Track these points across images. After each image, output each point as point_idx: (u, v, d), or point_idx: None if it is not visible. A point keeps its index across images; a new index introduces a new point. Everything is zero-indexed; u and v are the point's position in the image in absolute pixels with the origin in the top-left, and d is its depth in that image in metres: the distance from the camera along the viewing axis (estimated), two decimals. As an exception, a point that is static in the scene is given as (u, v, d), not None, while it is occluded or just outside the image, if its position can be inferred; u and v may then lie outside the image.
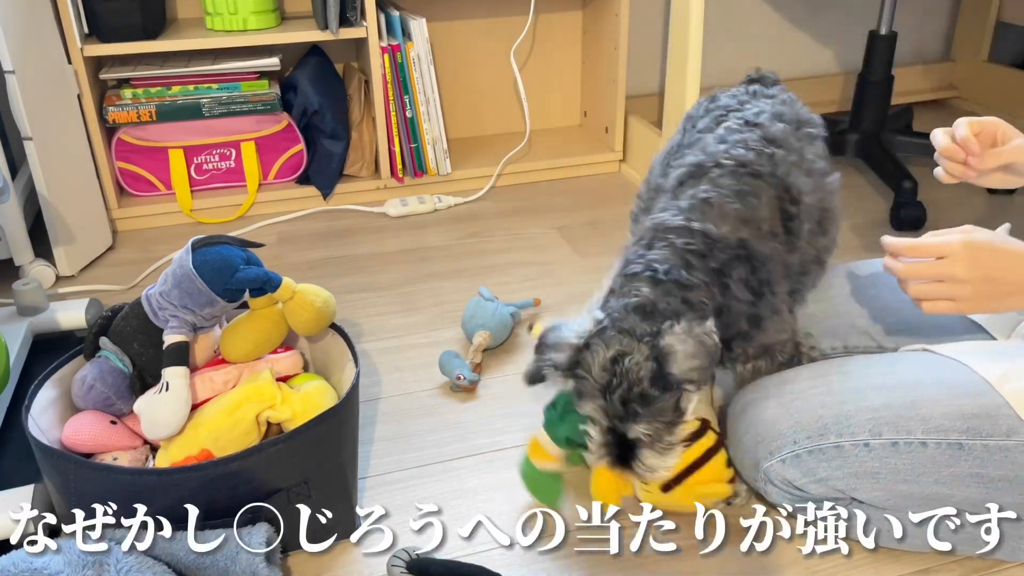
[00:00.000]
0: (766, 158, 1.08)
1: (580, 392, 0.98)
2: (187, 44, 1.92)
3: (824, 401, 1.04)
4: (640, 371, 0.93)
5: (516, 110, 2.41)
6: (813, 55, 2.70)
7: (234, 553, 0.97)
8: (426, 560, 1.03)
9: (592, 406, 0.97)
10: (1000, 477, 0.99)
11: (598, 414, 0.97)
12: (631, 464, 0.98)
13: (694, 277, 1.00)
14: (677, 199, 1.08)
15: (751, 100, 1.20)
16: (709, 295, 1.00)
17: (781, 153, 1.10)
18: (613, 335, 0.96)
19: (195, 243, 1.12)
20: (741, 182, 1.06)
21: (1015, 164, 1.05)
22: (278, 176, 2.11)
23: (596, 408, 0.96)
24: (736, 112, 1.17)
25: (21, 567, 0.89)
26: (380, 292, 1.74)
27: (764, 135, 1.11)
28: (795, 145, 1.13)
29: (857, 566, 1.05)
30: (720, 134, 1.13)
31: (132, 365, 1.15)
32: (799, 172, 1.11)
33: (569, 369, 0.98)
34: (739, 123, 1.14)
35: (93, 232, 1.87)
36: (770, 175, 1.08)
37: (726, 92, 1.26)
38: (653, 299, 0.98)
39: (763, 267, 1.03)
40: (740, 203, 1.05)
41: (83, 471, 1.01)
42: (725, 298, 1.01)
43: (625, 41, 2.17)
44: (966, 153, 1.05)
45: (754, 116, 1.14)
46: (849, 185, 2.20)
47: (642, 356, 0.93)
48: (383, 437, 1.31)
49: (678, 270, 1.00)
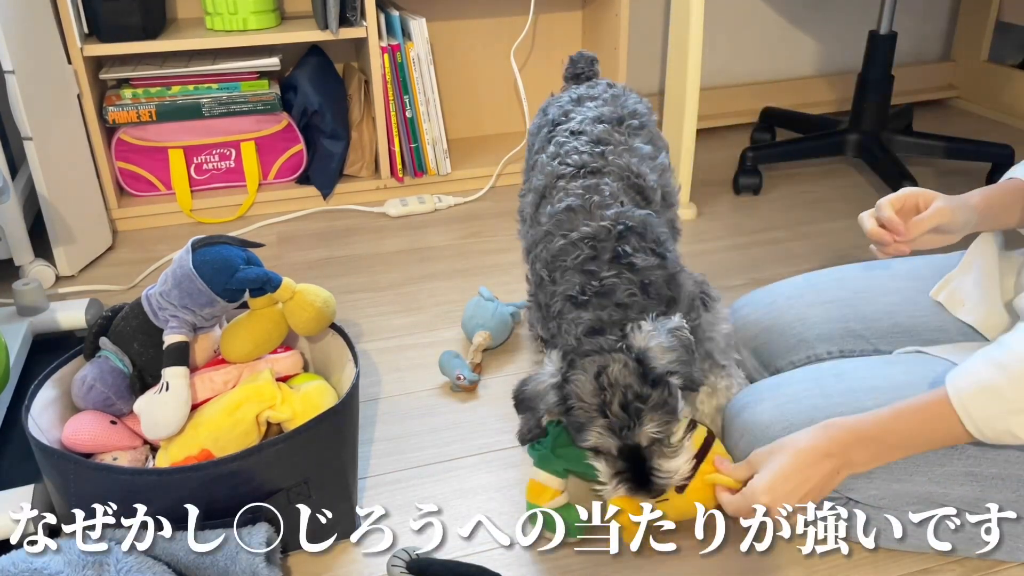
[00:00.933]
0: (598, 156, 1.15)
1: (579, 425, 0.98)
2: (187, 44, 1.92)
3: (818, 404, 1.04)
4: (627, 375, 0.95)
5: (516, 110, 2.41)
6: (813, 55, 2.70)
7: (234, 553, 0.97)
8: (426, 560, 1.03)
9: (595, 431, 0.97)
10: (993, 475, 1.00)
11: (604, 435, 0.97)
12: (649, 483, 0.99)
13: (606, 278, 1.02)
14: (539, 223, 1.14)
15: (575, 108, 1.26)
16: (628, 283, 1.02)
17: (610, 148, 1.16)
18: (585, 360, 0.98)
19: (195, 243, 1.12)
20: (587, 180, 1.12)
21: (941, 225, 1.07)
22: (278, 176, 2.12)
23: (600, 430, 0.97)
24: (562, 125, 1.24)
25: (21, 567, 0.89)
26: (380, 292, 1.74)
27: (590, 139, 1.18)
28: (620, 139, 1.19)
29: (857, 566, 1.05)
30: (552, 151, 1.20)
31: (132, 365, 1.15)
32: (631, 157, 1.16)
33: (560, 406, 1.00)
34: (566, 135, 1.21)
35: (93, 232, 1.87)
36: (608, 166, 1.14)
37: (554, 103, 1.32)
38: (593, 318, 1.01)
39: (647, 230, 1.07)
40: (595, 194, 1.09)
41: (83, 471, 1.01)
42: (639, 275, 1.03)
43: (625, 41, 2.18)
44: (892, 233, 1.07)
45: (578, 125, 1.21)
46: (849, 185, 2.21)
47: (621, 363, 0.96)
48: (383, 437, 1.31)
49: (587, 283, 1.03)
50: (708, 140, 2.50)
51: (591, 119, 1.22)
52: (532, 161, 1.28)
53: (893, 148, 2.15)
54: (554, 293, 1.07)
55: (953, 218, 1.07)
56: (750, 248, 1.89)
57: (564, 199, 1.11)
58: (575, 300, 1.03)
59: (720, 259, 1.85)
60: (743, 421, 1.09)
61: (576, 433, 0.99)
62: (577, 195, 1.10)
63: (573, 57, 1.46)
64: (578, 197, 1.10)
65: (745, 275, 1.76)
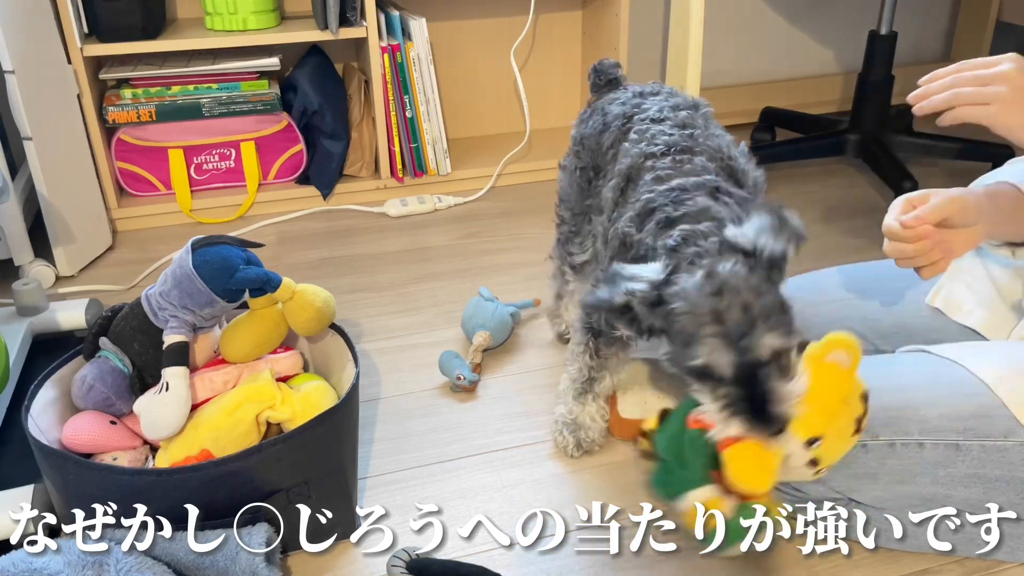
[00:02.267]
0: (687, 137, 1.10)
1: (687, 337, 0.85)
2: (187, 44, 1.92)
3: None
4: (744, 275, 0.84)
5: (516, 110, 2.41)
6: (813, 55, 2.70)
7: (234, 553, 0.97)
8: (426, 560, 1.03)
9: (709, 343, 0.84)
10: (998, 477, 0.99)
11: (719, 348, 0.84)
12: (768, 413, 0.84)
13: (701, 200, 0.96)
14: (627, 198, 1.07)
15: (643, 101, 1.21)
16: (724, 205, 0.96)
17: (697, 131, 1.12)
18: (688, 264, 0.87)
19: (195, 243, 1.12)
20: (678, 156, 1.07)
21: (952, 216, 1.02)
22: (278, 176, 2.12)
23: (714, 339, 0.84)
24: (638, 115, 1.18)
25: (21, 567, 0.89)
26: (380, 292, 1.74)
27: (675, 123, 1.13)
28: (702, 123, 1.15)
29: (857, 566, 1.05)
30: (634, 138, 1.14)
31: (132, 365, 1.15)
32: (718, 139, 1.12)
33: (658, 309, 0.88)
34: (646, 123, 1.15)
35: (93, 232, 1.87)
36: (698, 146, 1.09)
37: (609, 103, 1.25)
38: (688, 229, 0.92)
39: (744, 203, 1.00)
40: (689, 164, 1.05)
41: (83, 471, 1.01)
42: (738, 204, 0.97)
43: (625, 41, 2.18)
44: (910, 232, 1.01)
45: (657, 112, 1.16)
46: (849, 185, 2.21)
47: (733, 261, 0.85)
48: (383, 437, 1.31)
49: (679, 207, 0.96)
50: (708, 140, 2.50)
51: (670, 107, 1.17)
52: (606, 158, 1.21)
53: (893, 148, 2.15)
54: (641, 239, 0.98)
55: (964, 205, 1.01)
56: (750, 248, 1.88)
57: (653, 172, 1.05)
58: (666, 220, 0.95)
59: (720, 259, 1.85)
60: None
61: (681, 350, 0.86)
62: (667, 167, 1.04)
63: (597, 68, 1.38)
64: (668, 168, 1.04)
65: (745, 275, 1.76)
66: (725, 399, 0.86)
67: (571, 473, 1.21)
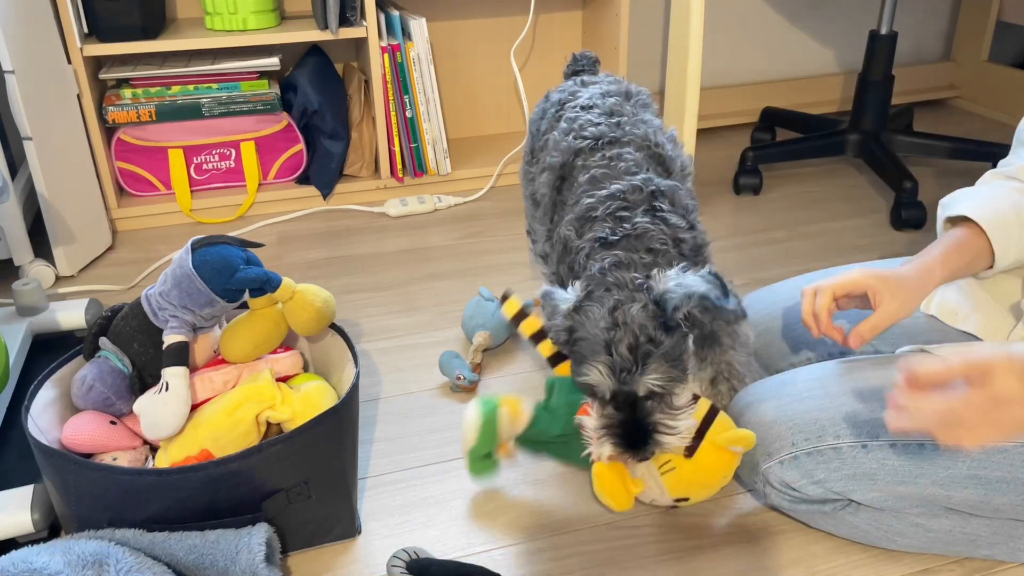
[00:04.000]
0: (614, 126, 1.14)
1: (580, 357, 0.95)
2: (187, 44, 1.92)
3: (822, 404, 1.04)
4: (644, 316, 0.92)
5: (516, 110, 2.41)
6: (813, 55, 2.70)
7: (234, 553, 0.96)
8: (426, 560, 1.03)
9: (596, 367, 0.93)
10: (998, 478, 0.99)
11: (603, 374, 0.93)
12: (642, 441, 0.95)
13: (640, 223, 1.01)
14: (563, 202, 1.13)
15: (580, 89, 1.26)
16: (662, 233, 1.01)
17: (624, 119, 1.16)
18: (603, 292, 0.95)
19: (195, 243, 1.12)
20: (607, 151, 1.11)
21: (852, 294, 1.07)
22: (278, 176, 2.12)
23: (601, 367, 0.93)
24: (570, 103, 1.23)
25: (21, 567, 0.89)
26: (380, 292, 1.74)
27: (602, 111, 1.17)
28: (631, 111, 1.19)
29: (857, 566, 1.05)
30: (564, 127, 1.18)
31: (132, 365, 1.15)
32: (647, 128, 1.17)
33: (566, 335, 0.97)
34: (576, 111, 1.20)
35: (93, 232, 1.87)
36: (626, 135, 1.13)
37: (557, 89, 1.32)
38: (623, 255, 0.99)
39: (676, 197, 1.06)
40: (620, 162, 1.08)
41: (83, 471, 1.01)
42: (672, 230, 1.02)
43: (625, 41, 2.18)
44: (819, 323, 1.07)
45: (587, 100, 1.20)
46: (849, 185, 2.21)
47: (641, 303, 0.93)
48: (383, 437, 1.31)
49: (618, 226, 1.01)
50: (708, 140, 2.50)
51: (599, 94, 1.21)
52: (539, 143, 1.27)
53: (893, 148, 2.15)
54: (579, 247, 1.04)
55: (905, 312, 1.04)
56: (750, 248, 1.89)
57: (587, 172, 1.09)
58: (605, 241, 1.01)
59: (720, 259, 1.85)
60: (746, 421, 1.09)
61: (576, 365, 0.96)
62: (601, 166, 1.09)
63: (576, 55, 1.46)
64: (602, 167, 1.08)
65: (745, 275, 1.76)
66: (606, 419, 0.96)
67: (571, 473, 1.21)
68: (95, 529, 0.99)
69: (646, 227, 1.01)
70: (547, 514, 1.14)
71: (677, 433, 0.97)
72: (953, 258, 1.08)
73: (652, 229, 1.01)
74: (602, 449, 0.97)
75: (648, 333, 0.92)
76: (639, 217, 1.01)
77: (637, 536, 1.09)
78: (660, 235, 1.00)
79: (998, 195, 1.10)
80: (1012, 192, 1.10)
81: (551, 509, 1.15)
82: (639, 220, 1.01)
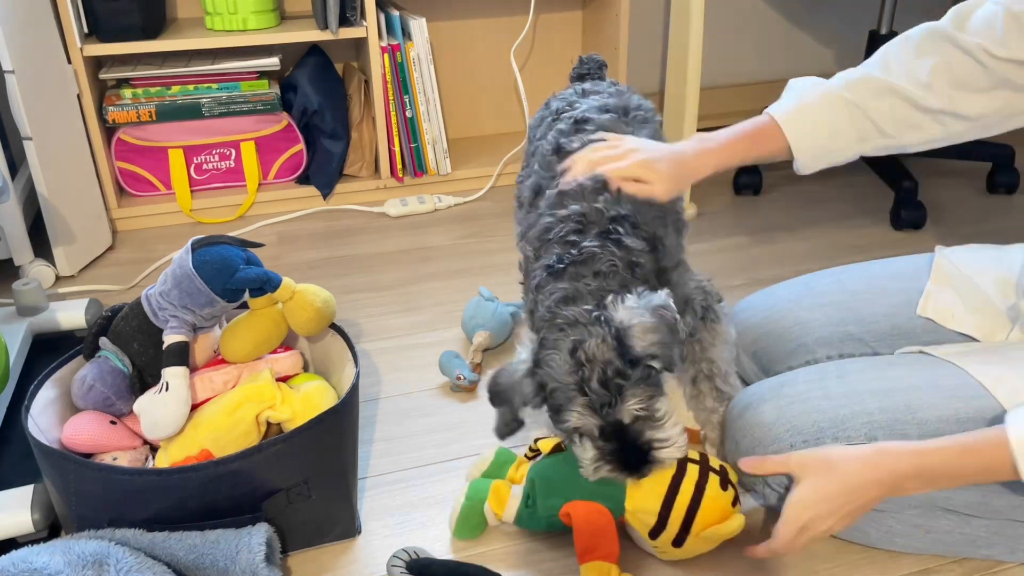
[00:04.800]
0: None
1: (558, 407, 0.94)
2: (187, 44, 1.91)
3: (820, 405, 1.04)
4: (605, 350, 0.91)
5: (516, 110, 2.41)
6: (813, 55, 2.70)
7: (234, 553, 0.96)
8: (426, 560, 1.03)
9: (576, 411, 0.93)
10: (997, 478, 1.00)
11: (585, 414, 0.93)
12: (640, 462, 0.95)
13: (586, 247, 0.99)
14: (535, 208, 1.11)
15: (580, 99, 1.24)
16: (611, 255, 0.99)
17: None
18: (557, 335, 0.94)
19: (195, 243, 1.12)
20: None
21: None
22: (278, 176, 2.11)
23: (581, 409, 0.92)
24: (566, 113, 1.21)
25: (21, 567, 0.89)
26: (380, 292, 1.74)
27: (596, 127, 1.15)
28: (625, 129, 1.17)
29: (857, 566, 1.05)
30: (552, 138, 1.17)
31: (132, 365, 1.15)
32: None
33: (537, 394, 0.95)
34: (569, 123, 1.18)
35: (93, 232, 1.87)
36: None
37: (558, 96, 1.29)
38: (569, 288, 0.97)
39: (642, 221, 1.03)
40: (592, 180, 1.06)
41: (83, 471, 1.01)
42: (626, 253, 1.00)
43: (625, 41, 2.18)
44: None
45: (582, 113, 1.18)
46: (849, 185, 2.21)
47: (599, 337, 0.91)
48: (383, 437, 1.31)
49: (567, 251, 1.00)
50: (708, 140, 2.50)
51: (596, 107, 1.19)
52: (532, 148, 1.26)
53: (893, 148, 2.15)
54: (533, 273, 1.04)
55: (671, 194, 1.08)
56: (750, 248, 1.89)
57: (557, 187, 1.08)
58: (551, 269, 1.00)
59: (720, 259, 1.85)
60: (745, 422, 1.08)
61: (556, 416, 0.95)
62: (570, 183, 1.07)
63: (583, 58, 1.43)
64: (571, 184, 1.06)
65: (745, 275, 1.76)
66: (598, 450, 0.95)
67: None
68: (95, 529, 0.99)
69: (592, 251, 0.99)
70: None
71: (671, 444, 0.96)
72: (740, 145, 1.12)
73: (599, 252, 0.98)
74: (598, 472, 0.96)
75: (615, 367, 0.91)
76: (588, 241, 0.99)
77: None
78: (609, 257, 0.98)
79: (821, 91, 1.15)
80: (843, 90, 1.13)
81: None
82: (587, 244, 0.99)
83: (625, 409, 0.92)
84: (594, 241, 1.00)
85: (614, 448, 0.95)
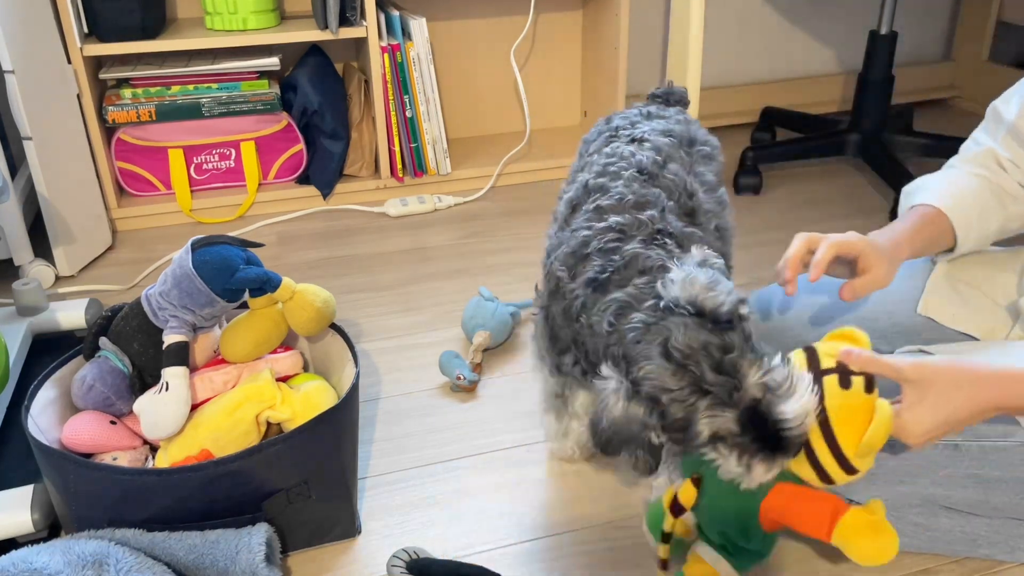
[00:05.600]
0: (657, 165, 1.06)
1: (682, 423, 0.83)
2: (187, 44, 1.91)
3: None
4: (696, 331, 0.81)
5: (516, 110, 2.41)
6: (813, 55, 2.70)
7: (234, 553, 0.97)
8: (426, 560, 1.03)
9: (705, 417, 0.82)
10: (997, 478, 0.99)
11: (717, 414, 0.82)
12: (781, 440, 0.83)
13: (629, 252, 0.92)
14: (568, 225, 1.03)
15: (643, 121, 1.17)
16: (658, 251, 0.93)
17: (673, 166, 1.07)
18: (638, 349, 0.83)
19: (195, 243, 1.12)
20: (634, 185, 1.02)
21: (845, 253, 1.06)
22: (278, 176, 2.12)
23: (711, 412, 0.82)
24: (625, 131, 1.15)
25: (21, 567, 0.89)
26: (380, 292, 1.74)
27: (653, 147, 1.09)
28: (684, 159, 1.10)
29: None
30: (607, 152, 1.11)
31: (132, 365, 1.15)
32: (691, 178, 1.08)
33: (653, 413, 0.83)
34: (626, 141, 1.12)
35: (93, 232, 1.87)
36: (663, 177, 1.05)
37: (620, 114, 1.24)
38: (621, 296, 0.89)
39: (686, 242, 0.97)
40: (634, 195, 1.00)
41: (83, 471, 1.01)
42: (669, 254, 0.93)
43: (625, 41, 2.18)
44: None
45: (642, 134, 1.12)
46: (849, 185, 2.21)
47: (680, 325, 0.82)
48: (383, 437, 1.31)
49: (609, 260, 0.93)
50: (708, 140, 2.50)
51: (659, 131, 1.13)
52: (581, 164, 1.18)
53: (893, 148, 2.15)
54: (574, 294, 0.94)
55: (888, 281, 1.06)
56: (750, 248, 1.89)
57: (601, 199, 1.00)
58: (595, 283, 0.92)
59: (720, 259, 1.85)
60: None
61: (682, 435, 0.83)
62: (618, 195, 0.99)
63: (672, 87, 1.34)
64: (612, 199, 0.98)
65: (745, 275, 1.76)
66: (738, 448, 0.84)
67: (572, 472, 1.22)
68: (95, 529, 0.99)
69: (636, 251, 0.92)
70: (547, 514, 1.14)
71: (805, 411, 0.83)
72: (920, 235, 1.11)
73: (643, 252, 0.91)
74: (755, 473, 0.85)
75: (716, 343, 0.81)
76: (630, 245, 0.92)
77: (637, 536, 1.09)
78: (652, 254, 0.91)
79: (959, 182, 1.14)
80: (971, 178, 1.14)
81: (551, 509, 1.15)
82: (629, 248, 0.91)
83: (751, 385, 0.81)
84: (637, 245, 0.92)
85: (755, 436, 0.83)
